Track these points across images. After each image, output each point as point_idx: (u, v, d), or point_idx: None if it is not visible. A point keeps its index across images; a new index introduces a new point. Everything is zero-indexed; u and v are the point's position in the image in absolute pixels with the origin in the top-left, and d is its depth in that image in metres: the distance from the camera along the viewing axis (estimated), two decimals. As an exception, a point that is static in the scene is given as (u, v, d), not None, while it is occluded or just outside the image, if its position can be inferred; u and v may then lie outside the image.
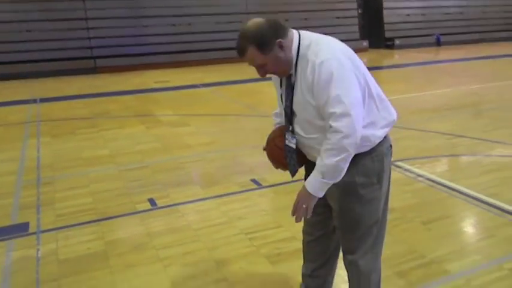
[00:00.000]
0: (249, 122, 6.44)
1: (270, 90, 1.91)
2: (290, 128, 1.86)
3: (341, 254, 2.09)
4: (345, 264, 2.04)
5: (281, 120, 2.00)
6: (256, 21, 1.71)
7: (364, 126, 1.73)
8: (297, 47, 1.73)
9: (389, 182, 1.95)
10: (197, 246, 2.99)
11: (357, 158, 1.80)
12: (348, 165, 1.70)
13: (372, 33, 16.92)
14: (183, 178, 4.27)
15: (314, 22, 14.84)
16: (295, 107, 1.80)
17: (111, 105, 7.97)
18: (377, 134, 1.82)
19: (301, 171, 2.00)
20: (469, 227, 3.12)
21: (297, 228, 3.15)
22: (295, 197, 1.86)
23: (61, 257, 2.92)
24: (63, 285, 2.61)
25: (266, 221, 3.30)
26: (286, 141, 1.89)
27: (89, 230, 3.28)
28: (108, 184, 4.16)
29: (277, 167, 2.03)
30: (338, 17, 15.90)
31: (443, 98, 7.56)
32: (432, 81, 9.46)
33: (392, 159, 1.95)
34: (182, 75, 11.58)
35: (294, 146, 1.87)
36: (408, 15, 17.18)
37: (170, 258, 2.86)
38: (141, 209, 3.60)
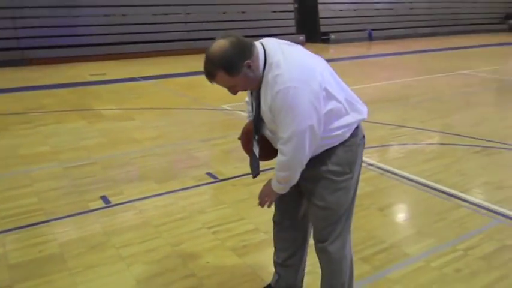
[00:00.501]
0: (196, 115, 6.34)
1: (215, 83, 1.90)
2: (256, 137, 1.92)
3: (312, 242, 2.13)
4: (316, 252, 2.06)
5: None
6: (221, 44, 1.67)
7: (335, 128, 1.82)
8: (263, 65, 1.73)
9: (359, 171, 2.00)
10: (160, 243, 2.89)
11: (330, 148, 1.85)
12: (298, 175, 1.82)
13: (308, 27, 17.31)
14: (136, 174, 4.12)
15: (251, 15, 14.91)
16: (262, 117, 1.85)
17: (45, 99, 7.49)
18: (347, 133, 1.87)
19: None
20: (421, 212, 3.29)
21: (260, 220, 3.17)
22: (253, 189, 1.91)
23: (11, 261, 2.71)
24: (18, 292, 2.42)
25: (228, 214, 3.28)
26: (253, 148, 1.96)
27: (39, 231, 3.07)
28: (54, 182, 3.91)
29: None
30: (274, 11, 16.06)
31: (381, 90, 7.91)
32: (368, 74, 9.87)
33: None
34: (119, 68, 11.15)
35: (257, 154, 1.95)
36: (341, 10, 17.75)
37: (132, 256, 2.75)
38: (94, 207, 3.42)
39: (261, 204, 2.02)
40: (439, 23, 19.39)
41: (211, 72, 1.70)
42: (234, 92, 1.80)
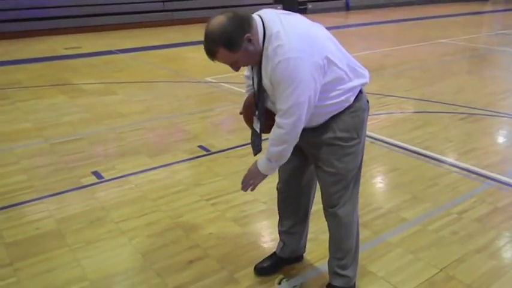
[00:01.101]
0: (181, 88, 6.23)
1: (196, 55, 1.90)
2: (256, 113, 1.90)
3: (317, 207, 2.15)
4: (325, 216, 2.09)
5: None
6: (219, 21, 1.64)
7: (340, 94, 1.81)
8: (262, 39, 1.70)
9: (365, 135, 2.02)
10: (159, 216, 2.88)
11: (337, 115, 1.85)
12: (291, 150, 1.82)
13: (285, -3, 17.04)
14: (126, 148, 4.04)
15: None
16: (265, 89, 1.82)
17: (20, 75, 7.21)
18: (351, 97, 1.87)
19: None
20: (414, 178, 3.36)
21: (257, 190, 3.16)
22: (247, 160, 1.91)
23: (8, 240, 2.65)
24: (21, 269, 2.38)
25: (224, 186, 3.27)
26: (254, 124, 1.95)
27: (33, 209, 3.00)
28: (42, 159, 3.81)
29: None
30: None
31: (362, 60, 7.86)
32: (348, 44, 9.83)
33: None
34: (94, 40, 10.79)
35: (258, 130, 1.94)
36: (319, -20, 17.52)
37: (134, 230, 2.73)
38: (87, 183, 3.36)
39: (244, 188, 1.97)
40: (415, -8, 19.43)
41: (212, 50, 1.67)
42: (237, 68, 1.77)
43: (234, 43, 1.65)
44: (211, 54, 1.69)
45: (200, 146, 4.04)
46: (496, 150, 3.86)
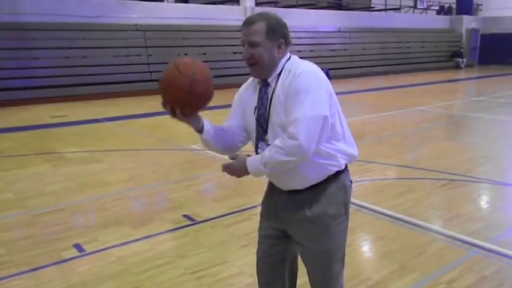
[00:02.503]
0: (166, 156, 6.26)
1: (180, 123, 1.91)
2: (265, 137, 1.86)
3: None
4: None
5: (244, 138, 2.01)
6: (278, 16, 1.82)
7: (333, 148, 1.84)
8: (285, 61, 1.84)
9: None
10: (142, 292, 2.78)
11: (326, 188, 1.88)
12: (291, 166, 1.75)
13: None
14: (109, 219, 3.97)
15: (212, 57, 15.09)
16: (271, 115, 1.82)
17: (4, 143, 7.18)
18: (342, 160, 1.90)
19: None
20: (401, 246, 3.35)
21: (243, 262, 3.12)
22: (233, 230, 1.87)
23: (-19, 321, 2.51)
24: None
25: (210, 258, 3.20)
26: (259, 150, 1.88)
27: (11, 285, 2.87)
28: (22, 232, 3.71)
29: (170, 105, 1.80)
30: (235, 52, 16.41)
31: (344, 127, 8.13)
32: (331, 111, 10.15)
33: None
34: (80, 109, 10.91)
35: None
36: (299, 51, 18.36)
37: (115, 307, 2.62)
38: (68, 256, 3.26)
39: (225, 171, 1.85)
40: (391, 62, 20.39)
41: (256, 19, 1.78)
42: (249, 55, 1.79)
43: (273, 31, 1.78)
44: (252, 21, 1.78)
45: (185, 215, 3.99)
46: (479, 217, 3.91)
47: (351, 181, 1.98)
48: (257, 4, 16.31)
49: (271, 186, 2.02)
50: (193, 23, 14.63)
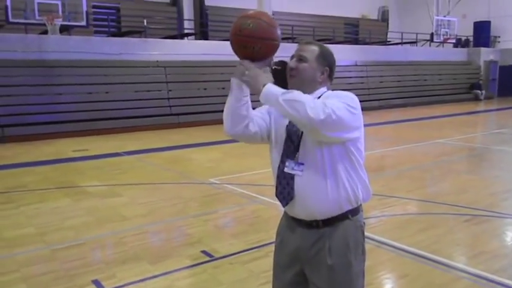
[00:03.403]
0: (185, 189, 6.29)
1: (200, 156, 1.93)
2: (296, 155, 1.85)
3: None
4: None
5: (257, 130, 1.95)
6: (332, 52, 1.97)
7: (356, 173, 1.87)
8: (324, 90, 1.92)
9: None
10: (160, 330, 2.75)
11: (344, 227, 1.87)
12: (306, 111, 1.65)
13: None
14: (127, 254, 3.98)
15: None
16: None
17: (26, 177, 7.33)
18: (360, 194, 1.90)
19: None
20: (424, 285, 3.26)
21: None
22: (251, 267, 1.83)
23: None
24: None
25: (228, 295, 3.17)
26: (287, 169, 1.86)
27: (29, 322, 2.88)
28: (42, 267, 3.74)
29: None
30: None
31: (363, 160, 8.07)
32: (349, 145, 10.11)
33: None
34: (101, 143, 11.12)
35: (300, 173, 1.83)
36: (317, 84, 18.51)
37: None
38: (87, 292, 3.26)
39: (242, 65, 1.79)
40: (408, 94, 20.37)
41: (312, 42, 1.95)
42: (295, 69, 1.88)
43: (323, 57, 1.91)
44: (309, 44, 1.93)
45: (203, 251, 3.97)
46: (504, 254, 3.79)
47: (364, 222, 1.98)
48: (274, 39, 16.60)
49: (286, 223, 2.00)
50: (213, 59, 14.96)
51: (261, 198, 5.43)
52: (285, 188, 1.87)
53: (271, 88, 1.72)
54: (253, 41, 1.75)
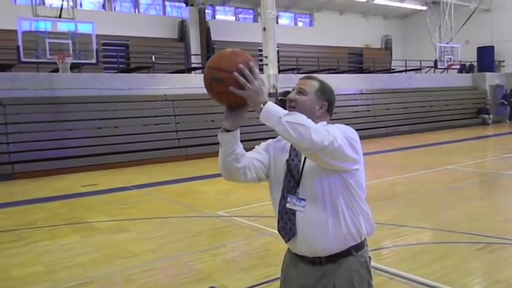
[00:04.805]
0: (193, 223, 6.26)
1: (208, 189, 1.95)
2: (297, 190, 1.85)
3: None
4: None
5: (252, 174, 1.96)
6: (332, 88, 2.03)
7: (358, 206, 1.87)
8: (323, 124, 1.88)
9: None
10: None
11: (348, 264, 1.84)
12: (305, 136, 1.64)
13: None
14: (136, 291, 3.94)
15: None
16: (306, 165, 1.85)
17: (36, 214, 7.35)
18: (364, 228, 1.89)
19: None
20: (438, 318, 3.17)
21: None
22: None
23: None
24: None
25: (238, 333, 3.10)
26: (288, 205, 1.86)
27: None
28: (50, 306, 3.70)
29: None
30: (257, 117, 16.77)
31: (371, 189, 7.98)
32: (357, 173, 10.05)
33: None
34: (110, 177, 11.18)
35: (302, 209, 1.83)
36: (323, 113, 18.60)
37: None
38: (95, 332, 3.21)
39: (242, 80, 1.66)
40: (415, 121, 20.35)
41: (313, 77, 2.00)
42: (292, 96, 1.92)
43: (322, 92, 1.95)
44: (309, 77, 2.00)
45: None
46: (521, 284, 3.69)
47: (369, 257, 1.95)
48: (280, 71, 16.84)
49: (290, 259, 1.98)
50: (219, 91, 15.13)
51: (270, 230, 5.38)
52: (286, 224, 1.87)
53: (272, 107, 1.69)
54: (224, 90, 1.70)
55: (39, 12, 12.49)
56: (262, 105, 1.69)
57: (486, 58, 23.98)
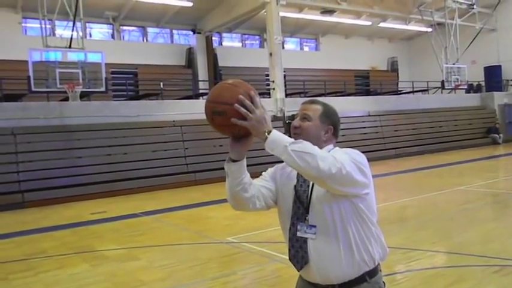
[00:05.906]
0: (202, 250, 6.20)
1: (217, 214, 1.93)
2: (306, 217, 1.82)
3: None
4: None
5: (261, 203, 1.96)
6: (336, 111, 2.02)
7: (370, 230, 1.84)
8: (330, 148, 1.90)
9: None
10: None
11: None
12: (311, 164, 1.63)
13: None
14: (146, 321, 3.87)
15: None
16: (314, 191, 1.82)
17: (45, 243, 7.34)
18: (376, 253, 1.85)
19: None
20: None
21: None
22: None
23: None
24: None
25: None
26: (299, 233, 1.83)
27: None
28: (59, 338, 3.65)
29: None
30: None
31: (381, 212, 7.90)
32: (367, 196, 9.95)
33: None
34: (119, 204, 11.17)
35: (313, 236, 1.80)
36: (331, 136, 18.58)
37: None
38: None
39: (245, 109, 1.67)
40: (424, 142, 20.24)
41: (316, 101, 1.97)
42: (298, 128, 1.90)
43: (326, 116, 1.93)
44: (312, 102, 1.98)
45: (223, 316, 3.85)
46: (541, 308, 3.57)
47: (384, 282, 1.91)
48: (287, 95, 16.94)
49: (302, 287, 1.94)
50: (227, 116, 15.23)
51: (281, 256, 5.30)
52: (298, 252, 1.84)
53: (277, 136, 1.68)
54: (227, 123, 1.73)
55: (50, 42, 12.76)
56: (266, 134, 1.68)
57: (494, 77, 23.96)
